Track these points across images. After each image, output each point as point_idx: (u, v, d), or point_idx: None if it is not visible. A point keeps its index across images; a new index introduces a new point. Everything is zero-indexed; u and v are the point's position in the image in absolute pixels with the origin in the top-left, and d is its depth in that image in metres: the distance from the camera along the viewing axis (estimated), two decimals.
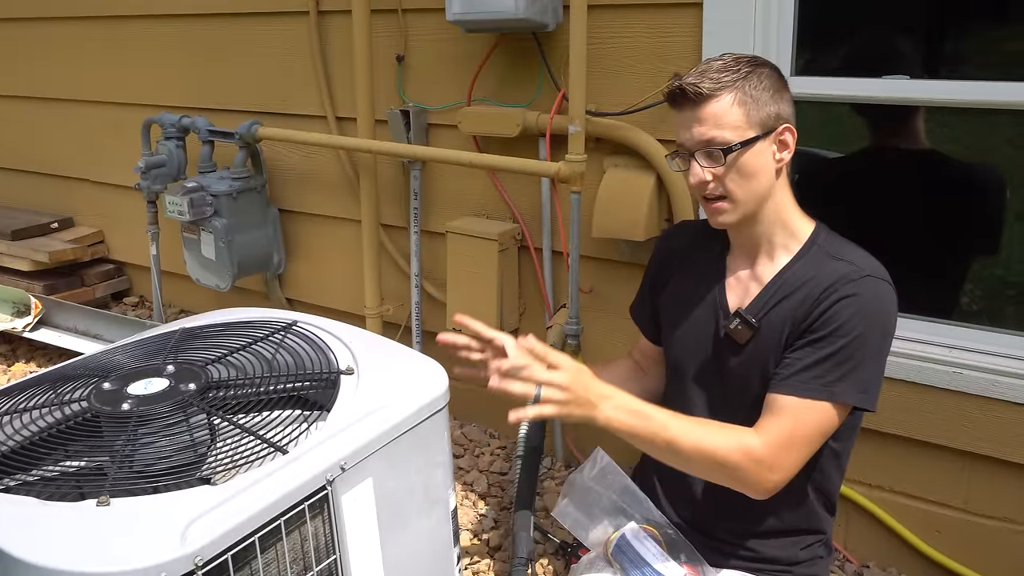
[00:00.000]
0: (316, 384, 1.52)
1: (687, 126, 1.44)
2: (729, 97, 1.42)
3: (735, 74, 1.42)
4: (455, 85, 2.60)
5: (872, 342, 1.41)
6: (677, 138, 1.48)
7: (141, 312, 3.83)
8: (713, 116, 1.42)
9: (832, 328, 1.41)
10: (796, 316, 1.45)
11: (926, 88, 1.98)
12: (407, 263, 2.89)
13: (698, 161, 1.44)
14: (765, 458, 1.40)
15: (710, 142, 1.42)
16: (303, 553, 1.28)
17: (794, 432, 1.41)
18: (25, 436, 1.35)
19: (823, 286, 1.43)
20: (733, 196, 1.45)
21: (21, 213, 4.07)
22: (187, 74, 3.30)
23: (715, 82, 1.41)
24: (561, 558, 2.23)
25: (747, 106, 1.42)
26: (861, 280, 1.42)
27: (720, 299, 1.57)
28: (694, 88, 1.41)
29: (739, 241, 1.57)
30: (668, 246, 1.74)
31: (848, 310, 1.40)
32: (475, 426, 2.92)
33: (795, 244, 1.51)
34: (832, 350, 1.40)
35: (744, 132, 1.42)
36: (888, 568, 2.20)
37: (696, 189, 1.48)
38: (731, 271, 1.58)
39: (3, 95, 4.03)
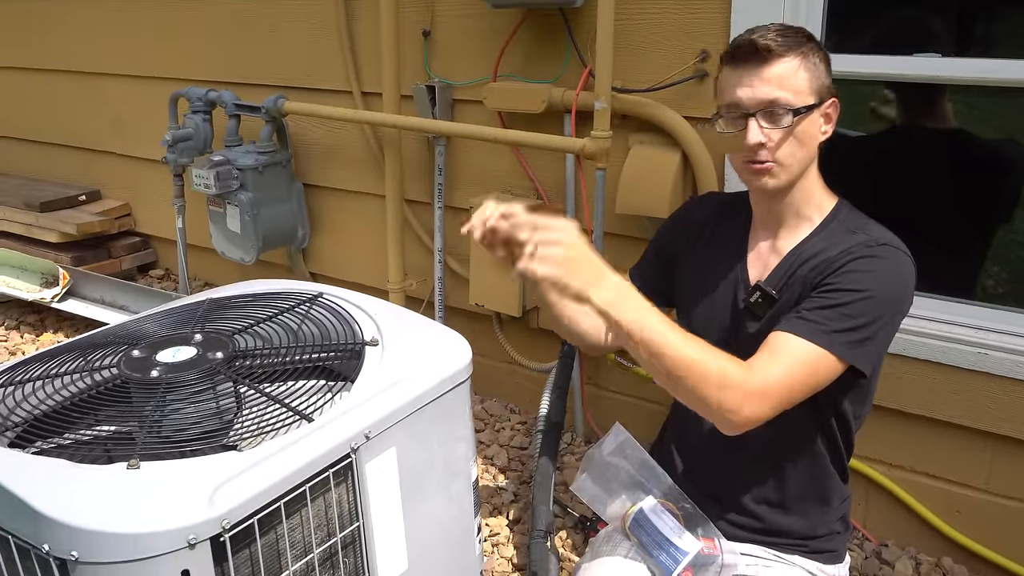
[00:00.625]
0: (341, 355, 1.54)
1: (748, 84, 1.41)
2: (796, 60, 1.41)
3: (797, 38, 1.41)
4: (481, 61, 2.60)
5: (881, 306, 1.39)
6: (729, 98, 1.44)
7: (167, 285, 3.88)
8: (779, 76, 1.40)
9: (843, 283, 1.39)
10: (813, 281, 1.44)
11: (958, 67, 1.96)
12: (431, 238, 2.90)
13: (759, 121, 1.41)
14: (749, 387, 1.34)
15: (774, 103, 1.40)
16: (327, 519, 1.30)
17: (782, 370, 1.36)
18: (57, 401, 1.38)
19: (839, 250, 1.43)
20: (783, 161, 1.44)
21: (49, 185, 4.12)
22: (214, 48, 3.31)
23: (782, 42, 1.39)
24: (580, 532, 2.25)
25: (810, 72, 1.42)
26: (879, 247, 1.42)
27: (742, 273, 1.57)
28: (766, 43, 1.38)
29: (764, 213, 1.56)
30: (692, 216, 1.73)
31: (861, 270, 1.40)
32: (496, 401, 2.94)
33: (817, 217, 1.51)
34: (839, 302, 1.38)
35: (805, 98, 1.41)
36: (907, 547, 2.20)
37: (748, 151, 1.43)
38: (752, 245, 1.58)
39: (33, 68, 4.07)
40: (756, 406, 1.34)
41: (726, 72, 1.46)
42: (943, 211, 2.11)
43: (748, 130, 1.42)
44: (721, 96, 1.47)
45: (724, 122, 1.46)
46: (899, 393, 2.10)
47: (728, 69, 1.45)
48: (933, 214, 2.11)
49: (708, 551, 1.54)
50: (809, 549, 1.58)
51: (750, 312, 1.53)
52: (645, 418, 2.53)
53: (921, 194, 2.12)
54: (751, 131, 1.42)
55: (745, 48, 1.41)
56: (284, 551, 1.24)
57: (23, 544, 1.13)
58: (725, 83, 1.46)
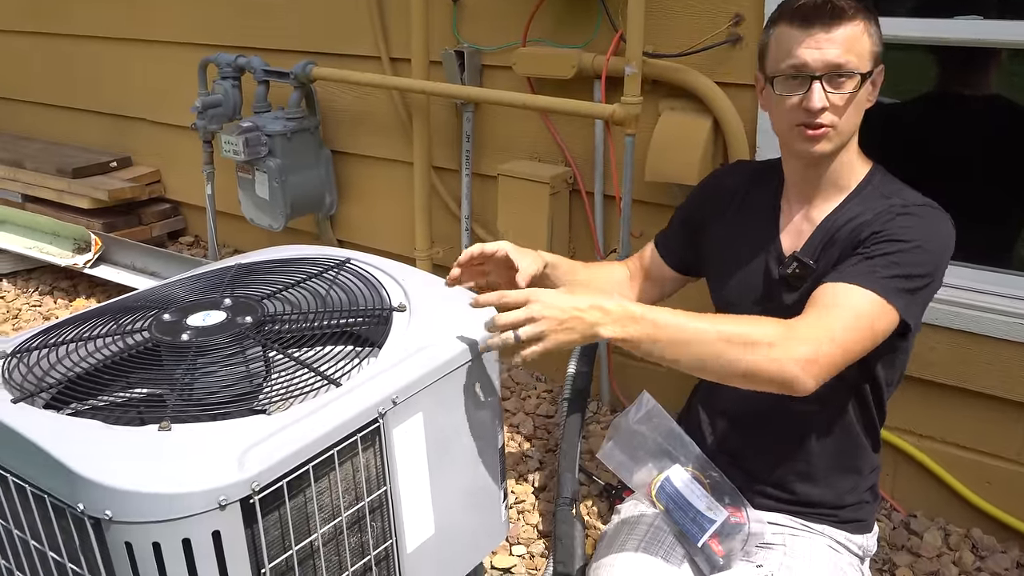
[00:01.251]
0: (369, 320, 1.54)
1: (815, 46, 1.37)
2: (862, 24, 1.38)
3: (861, 2, 1.38)
4: (510, 25, 2.57)
5: (929, 258, 1.37)
6: (791, 59, 1.39)
7: (196, 251, 3.91)
8: (848, 40, 1.36)
9: (888, 233, 1.37)
10: (850, 243, 1.42)
11: (1001, 29, 1.90)
12: (458, 206, 2.89)
13: (824, 85, 1.37)
14: (806, 337, 1.29)
15: (843, 66, 1.37)
16: (355, 483, 1.31)
17: (838, 313, 1.31)
18: (90, 364, 1.40)
19: (876, 212, 1.41)
20: (840, 126, 1.40)
21: (81, 152, 4.15)
22: (243, 13, 3.30)
23: (852, 4, 1.37)
24: (605, 500, 2.26)
25: (872, 37, 1.39)
26: (916, 207, 1.41)
27: (775, 242, 1.55)
28: (839, 3, 1.35)
29: (800, 181, 1.53)
30: (722, 183, 1.70)
31: (905, 224, 1.38)
32: (522, 369, 2.95)
33: (853, 182, 1.49)
34: (886, 251, 1.36)
35: (867, 63, 1.39)
36: (936, 518, 2.19)
37: (808, 115, 1.39)
38: (786, 215, 1.56)
39: (64, 34, 4.09)
40: (821, 361, 1.29)
41: (786, 31, 1.40)
42: (979, 178, 2.07)
43: (812, 93, 1.38)
44: (778, 57, 1.42)
45: (782, 84, 1.42)
46: (931, 363, 2.07)
47: (790, 28, 1.40)
48: (969, 181, 2.07)
49: (735, 520, 1.54)
50: (838, 519, 1.57)
51: (786, 283, 1.51)
52: (672, 387, 2.52)
53: (958, 161, 2.08)
54: (815, 95, 1.37)
55: (816, 7, 1.37)
56: (312, 514, 1.25)
57: (59, 503, 1.15)
58: (786, 42, 1.40)
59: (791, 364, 1.29)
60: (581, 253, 2.66)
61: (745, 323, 1.32)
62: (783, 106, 1.42)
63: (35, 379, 1.36)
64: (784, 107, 1.42)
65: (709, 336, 1.30)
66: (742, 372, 1.30)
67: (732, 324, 1.32)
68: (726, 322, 1.32)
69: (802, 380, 1.29)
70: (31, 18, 4.17)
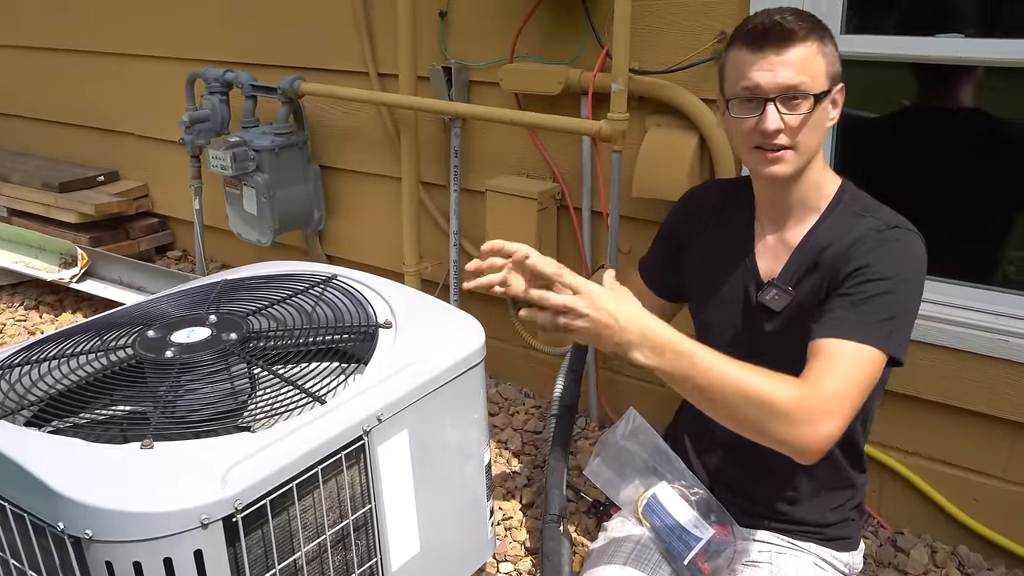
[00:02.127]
0: (354, 337, 1.54)
1: (767, 68, 1.37)
2: (815, 45, 1.37)
3: (813, 23, 1.38)
4: (498, 42, 2.58)
5: (907, 292, 1.37)
6: (745, 82, 1.39)
7: (184, 266, 3.89)
8: (800, 61, 1.36)
9: (864, 274, 1.37)
10: (831, 276, 1.43)
11: (980, 48, 1.92)
12: (446, 221, 2.89)
13: (777, 106, 1.37)
14: (817, 404, 1.28)
15: (796, 87, 1.36)
16: (339, 501, 1.30)
17: (845, 376, 1.32)
18: (73, 381, 1.39)
19: (852, 239, 1.41)
20: (799, 147, 1.40)
21: (68, 166, 4.13)
22: (231, 28, 3.31)
23: (804, 25, 1.36)
24: (593, 516, 2.25)
25: (826, 57, 1.39)
26: (889, 231, 1.40)
27: (751, 266, 1.54)
28: (789, 25, 1.35)
29: (769, 203, 1.53)
30: (698, 203, 1.69)
31: (879, 256, 1.38)
32: (510, 384, 2.94)
33: (823, 203, 1.49)
34: (867, 294, 1.36)
35: (822, 83, 1.39)
36: (922, 535, 2.19)
37: (763, 136, 1.39)
38: (759, 235, 1.56)
39: (52, 48, 4.08)
40: (832, 422, 1.29)
41: (740, 54, 1.41)
42: (962, 195, 2.08)
43: (766, 115, 1.38)
44: (733, 80, 1.42)
45: (737, 106, 1.42)
46: (916, 380, 2.08)
47: (743, 51, 1.40)
48: (952, 198, 2.08)
49: (721, 538, 1.54)
50: (823, 537, 1.57)
51: (765, 309, 1.51)
52: (659, 402, 2.52)
53: (940, 177, 2.09)
54: (769, 116, 1.38)
55: (766, 29, 1.37)
56: (296, 532, 1.24)
57: (39, 522, 1.14)
58: (740, 66, 1.41)
59: (807, 441, 1.29)
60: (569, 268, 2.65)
61: (765, 381, 1.29)
62: (741, 129, 1.43)
63: (16, 396, 1.35)
64: (742, 130, 1.43)
65: (731, 393, 1.29)
66: (756, 432, 1.32)
67: (753, 380, 1.29)
68: (748, 377, 1.29)
69: (813, 456, 1.31)
70: (26, 33, 4.16)
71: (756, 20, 1.40)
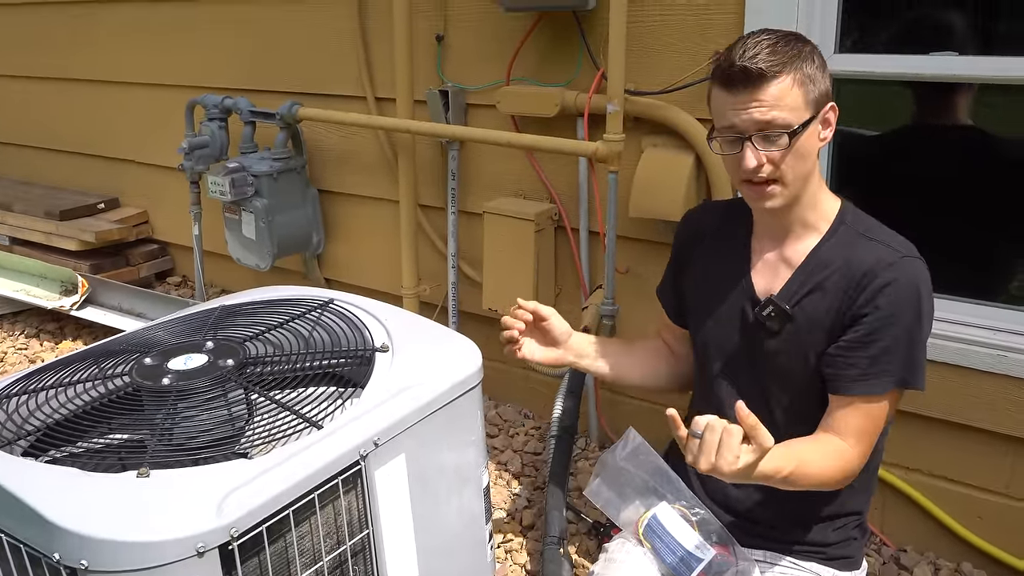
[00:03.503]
0: (351, 361, 1.53)
1: (742, 107, 1.37)
2: (789, 78, 1.36)
3: (790, 53, 1.37)
4: (494, 65, 2.59)
5: (918, 324, 1.41)
6: (724, 121, 1.41)
7: (184, 292, 3.90)
8: (774, 97, 1.36)
9: (882, 319, 1.40)
10: (838, 305, 1.43)
11: (976, 65, 1.93)
12: (444, 244, 2.90)
13: (754, 145, 1.38)
14: (857, 466, 1.45)
15: (770, 124, 1.37)
16: (336, 527, 1.30)
17: (874, 428, 1.46)
18: (70, 410, 1.39)
19: (861, 271, 1.42)
20: (785, 179, 1.41)
21: (69, 194, 4.15)
22: (230, 55, 3.33)
23: (775, 62, 1.35)
24: (594, 538, 2.24)
25: (805, 86, 1.38)
26: (899, 263, 1.40)
27: (747, 284, 1.54)
28: (757, 67, 1.34)
29: (769, 223, 1.54)
30: (695, 226, 1.70)
31: (892, 296, 1.39)
32: (510, 406, 2.93)
33: (823, 223, 1.49)
34: (888, 342, 1.40)
35: (802, 114, 1.38)
36: (926, 552, 2.17)
37: (746, 174, 1.41)
38: (757, 253, 1.56)
39: (52, 78, 4.11)
40: (860, 468, 1.48)
41: (717, 93, 1.42)
42: (962, 212, 2.08)
43: (744, 153, 1.39)
44: (715, 117, 1.44)
45: (720, 143, 1.43)
46: (917, 396, 2.06)
47: (718, 90, 1.41)
48: (952, 215, 2.08)
49: (722, 558, 1.53)
50: (826, 556, 1.56)
51: (764, 328, 1.51)
52: (659, 422, 2.50)
53: (940, 194, 2.10)
54: (747, 155, 1.39)
55: (735, 73, 1.36)
56: (293, 559, 1.24)
57: (34, 552, 1.14)
58: (717, 105, 1.42)
59: (840, 487, 1.49)
60: (567, 289, 2.66)
61: (824, 463, 1.43)
62: (727, 163, 1.46)
63: (14, 426, 1.35)
64: (728, 164, 1.45)
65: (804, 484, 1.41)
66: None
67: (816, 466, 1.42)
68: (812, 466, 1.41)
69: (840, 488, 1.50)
70: (28, 63, 4.19)
71: (728, 60, 1.38)
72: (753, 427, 1.25)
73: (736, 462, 1.24)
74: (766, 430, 1.26)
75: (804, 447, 1.43)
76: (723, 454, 1.24)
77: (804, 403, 1.51)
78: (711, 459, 1.25)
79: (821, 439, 1.45)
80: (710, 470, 1.26)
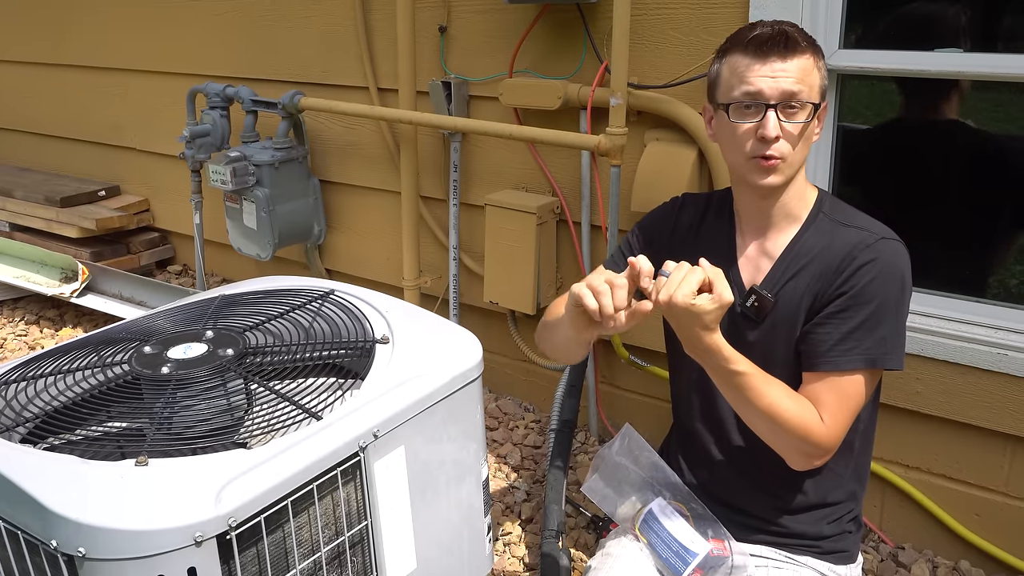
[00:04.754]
0: (351, 352, 1.53)
1: (770, 74, 1.38)
2: (812, 58, 1.41)
3: (811, 38, 1.42)
4: (497, 57, 2.58)
5: (896, 304, 1.41)
6: (745, 87, 1.39)
7: (184, 280, 3.90)
8: (801, 70, 1.39)
9: (857, 296, 1.40)
10: (817, 288, 1.44)
11: (980, 62, 1.92)
12: (445, 235, 2.89)
13: (778, 113, 1.38)
14: (822, 438, 1.40)
15: (796, 95, 1.38)
16: (335, 518, 1.30)
17: (844, 407, 1.42)
18: (69, 397, 1.39)
19: (840, 255, 1.43)
20: (791, 158, 1.42)
21: (70, 181, 4.15)
22: (232, 44, 3.32)
23: (803, 37, 1.40)
24: (592, 532, 2.24)
25: (820, 71, 1.43)
26: (876, 244, 1.42)
27: (736, 278, 1.54)
28: (792, 35, 1.38)
29: (752, 214, 1.53)
30: (677, 219, 1.67)
31: (868, 275, 1.40)
32: (510, 399, 2.93)
33: (803, 213, 1.50)
34: (862, 318, 1.40)
35: (816, 95, 1.42)
36: (924, 550, 2.18)
37: (760, 145, 1.40)
38: (741, 250, 1.56)
39: (54, 64, 4.10)
40: (831, 447, 1.43)
41: (740, 60, 1.41)
42: (962, 209, 2.08)
43: (767, 121, 1.38)
44: (731, 85, 1.42)
45: (736, 112, 1.42)
46: (917, 394, 2.07)
47: (745, 57, 1.40)
48: (951, 212, 2.08)
49: (718, 552, 1.53)
50: (820, 550, 1.56)
51: (747, 318, 1.51)
52: (659, 417, 2.51)
53: (940, 192, 2.09)
54: (770, 122, 1.38)
55: (770, 37, 1.38)
56: (291, 549, 1.24)
57: (32, 540, 1.14)
58: (740, 71, 1.41)
59: (811, 466, 1.45)
60: (568, 283, 2.66)
61: (791, 404, 1.40)
62: (736, 135, 1.43)
63: (13, 413, 1.35)
64: (738, 137, 1.43)
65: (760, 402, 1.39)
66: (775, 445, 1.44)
67: (782, 400, 1.40)
68: (779, 396, 1.40)
69: (805, 465, 1.46)
70: (29, 49, 4.18)
71: (758, 29, 1.41)
72: (716, 273, 1.30)
73: (690, 297, 1.28)
74: (728, 286, 1.30)
75: (774, 380, 1.42)
76: (681, 287, 1.28)
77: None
78: (670, 290, 1.28)
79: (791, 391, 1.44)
80: (667, 303, 1.28)
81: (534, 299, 2.59)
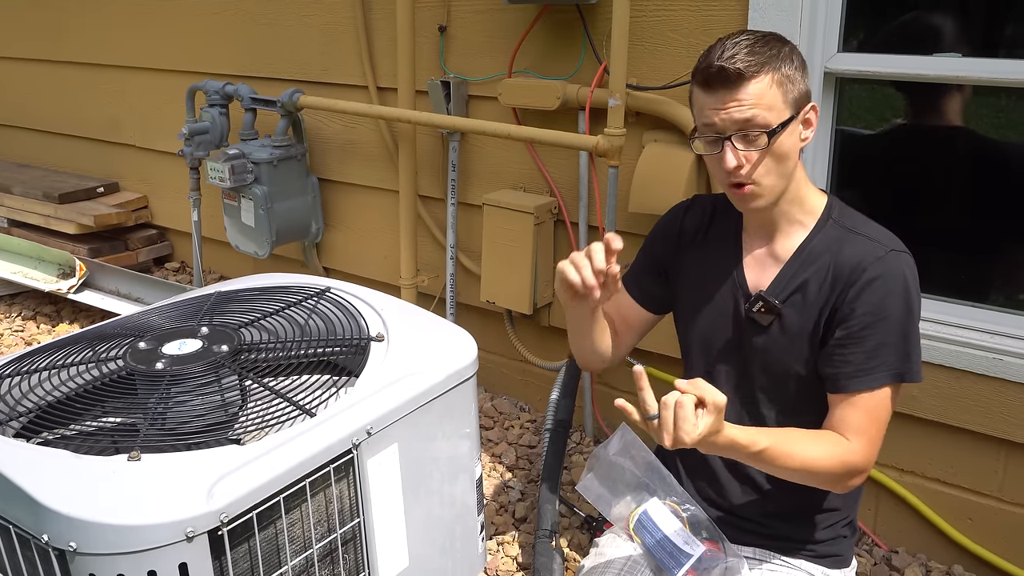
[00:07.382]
0: (346, 349, 1.53)
1: (721, 107, 1.37)
2: (767, 78, 1.36)
3: (770, 53, 1.37)
4: (496, 57, 2.59)
5: (909, 316, 1.41)
6: (703, 120, 1.41)
7: (183, 277, 3.90)
8: (753, 97, 1.36)
9: (874, 314, 1.40)
10: (827, 296, 1.44)
11: (979, 67, 1.93)
12: (443, 235, 2.89)
13: (734, 144, 1.38)
14: (860, 462, 1.42)
15: (748, 123, 1.37)
16: (327, 515, 1.30)
17: (876, 423, 1.43)
18: (63, 392, 1.39)
19: (850, 265, 1.42)
20: (763, 181, 1.41)
21: (68, 177, 4.15)
22: (232, 42, 3.32)
23: (753, 62, 1.35)
24: (586, 532, 2.24)
25: (784, 86, 1.38)
26: (887, 256, 1.41)
27: (740, 279, 1.54)
28: (735, 67, 1.34)
29: (756, 221, 1.53)
30: (684, 222, 1.67)
31: (882, 291, 1.39)
32: (505, 399, 2.94)
33: (810, 219, 1.49)
34: (883, 335, 1.40)
35: (781, 113, 1.38)
36: (918, 554, 2.18)
37: (727, 175, 1.41)
38: (747, 250, 1.56)
39: (54, 61, 4.10)
40: (867, 469, 1.44)
41: (697, 94, 1.42)
42: (959, 214, 2.08)
43: (724, 153, 1.39)
44: (696, 117, 1.44)
45: (701, 143, 1.43)
46: (911, 398, 2.07)
47: (697, 89, 1.41)
48: (949, 217, 2.08)
49: (712, 554, 1.53)
50: (815, 554, 1.56)
51: (753, 323, 1.51)
52: None
53: (937, 196, 2.09)
54: (727, 155, 1.39)
55: (714, 73, 1.37)
56: (283, 546, 1.24)
57: (23, 534, 1.14)
58: (698, 104, 1.42)
59: (846, 488, 1.45)
60: None
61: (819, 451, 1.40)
62: (711, 164, 1.45)
63: (7, 407, 1.35)
64: (712, 166, 1.45)
65: (791, 469, 1.39)
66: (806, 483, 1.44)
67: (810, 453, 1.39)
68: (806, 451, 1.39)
69: (847, 490, 1.47)
70: (29, 46, 4.18)
71: (707, 61, 1.38)
72: (695, 385, 1.26)
73: (696, 429, 1.24)
74: (711, 386, 1.26)
75: (791, 430, 1.43)
76: (680, 426, 1.24)
77: (793, 399, 1.51)
78: (671, 433, 1.25)
79: (817, 431, 1.45)
80: (675, 445, 1.26)
81: (531, 299, 2.59)
